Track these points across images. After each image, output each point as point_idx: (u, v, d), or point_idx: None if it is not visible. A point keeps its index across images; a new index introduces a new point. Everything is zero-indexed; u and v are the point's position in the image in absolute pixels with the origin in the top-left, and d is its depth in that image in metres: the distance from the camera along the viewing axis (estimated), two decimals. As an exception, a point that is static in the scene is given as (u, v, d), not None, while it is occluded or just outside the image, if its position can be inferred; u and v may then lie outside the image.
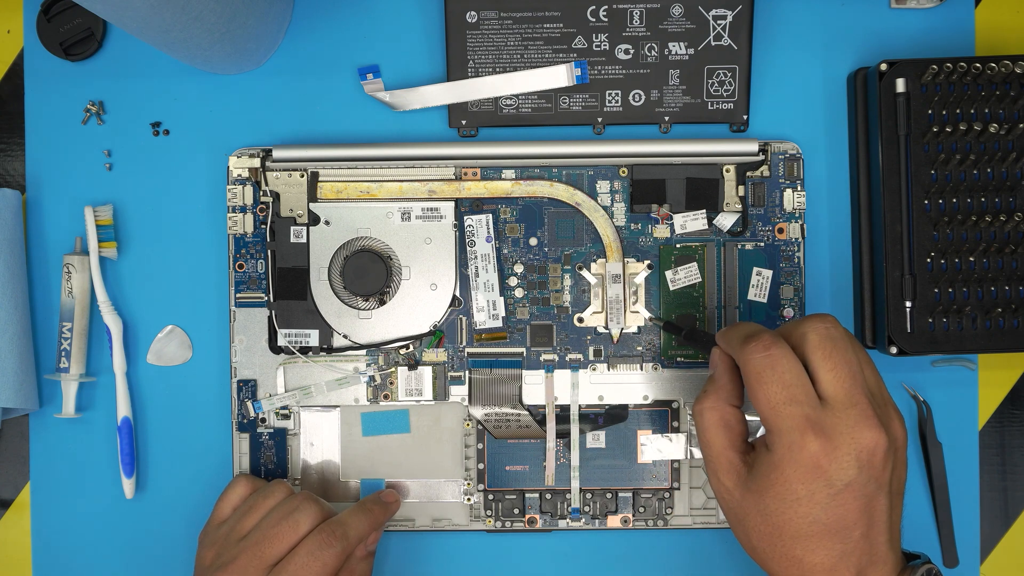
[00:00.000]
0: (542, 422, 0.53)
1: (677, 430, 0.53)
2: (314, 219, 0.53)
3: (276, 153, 0.53)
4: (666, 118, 0.54)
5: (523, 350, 0.54)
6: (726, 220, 0.53)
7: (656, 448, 0.53)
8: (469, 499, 0.54)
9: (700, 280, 0.53)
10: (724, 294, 0.53)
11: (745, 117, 0.54)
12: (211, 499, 0.54)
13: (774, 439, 0.42)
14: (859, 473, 0.41)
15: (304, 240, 0.53)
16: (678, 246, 0.53)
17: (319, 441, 0.54)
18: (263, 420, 0.54)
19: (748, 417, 0.46)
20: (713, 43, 0.53)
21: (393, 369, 0.54)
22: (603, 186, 0.54)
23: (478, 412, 0.53)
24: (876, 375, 0.44)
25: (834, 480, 0.41)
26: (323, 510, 0.49)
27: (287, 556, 0.47)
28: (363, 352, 0.53)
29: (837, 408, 0.41)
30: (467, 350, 0.54)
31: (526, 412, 0.53)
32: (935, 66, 0.50)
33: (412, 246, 0.53)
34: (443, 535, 0.54)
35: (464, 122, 0.54)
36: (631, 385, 0.53)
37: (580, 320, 0.54)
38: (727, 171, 0.53)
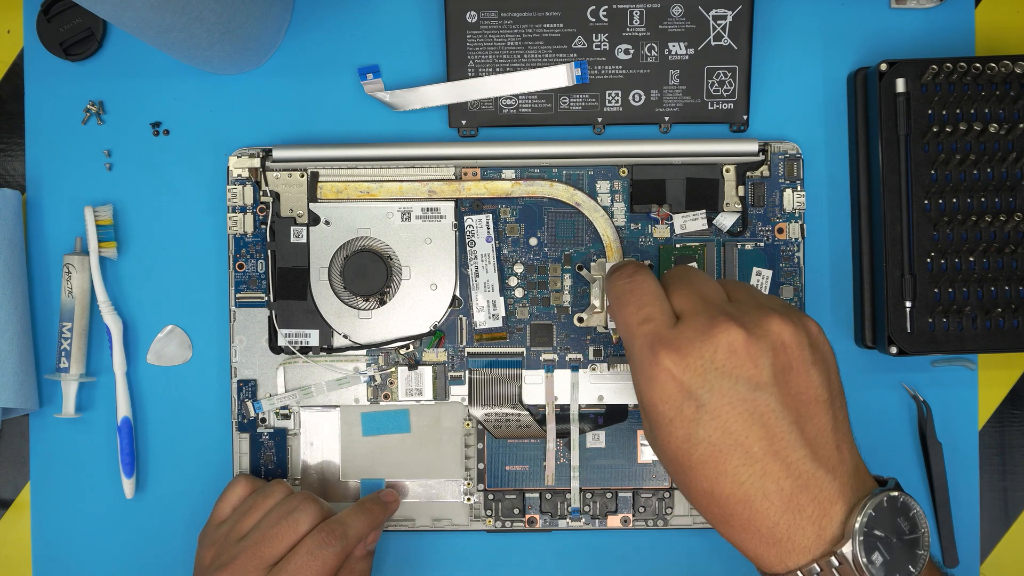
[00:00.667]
0: (542, 422, 0.53)
1: (677, 430, 0.53)
2: (314, 219, 0.53)
3: (276, 153, 0.53)
4: (666, 118, 0.54)
5: (523, 350, 0.54)
6: (726, 220, 0.53)
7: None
8: (469, 499, 0.54)
9: (700, 280, 0.53)
10: (724, 294, 0.53)
11: (745, 117, 0.54)
12: (211, 499, 0.54)
13: (633, 364, 0.40)
14: (721, 376, 0.38)
15: (304, 240, 0.53)
16: (678, 246, 0.53)
17: (319, 441, 0.54)
18: (263, 420, 0.54)
19: None
20: (713, 43, 0.53)
21: (393, 369, 0.54)
22: (603, 186, 0.54)
23: (478, 412, 0.53)
24: (749, 290, 0.42)
25: (695, 390, 0.38)
26: (322, 510, 0.49)
27: (287, 556, 0.47)
28: (363, 352, 0.53)
29: (685, 319, 0.40)
30: (467, 350, 0.54)
31: (526, 412, 0.53)
32: (935, 66, 0.50)
33: (412, 246, 0.53)
34: (443, 535, 0.54)
35: (464, 122, 0.54)
36: (631, 385, 0.53)
37: (580, 320, 0.54)
38: (727, 171, 0.53)
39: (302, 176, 0.53)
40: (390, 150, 0.53)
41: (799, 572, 0.37)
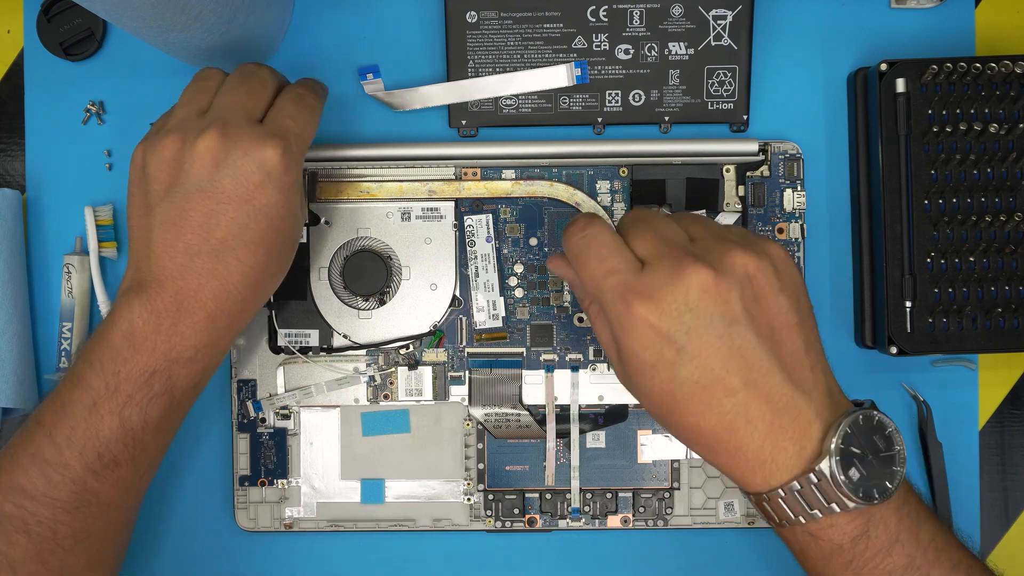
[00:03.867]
0: (542, 422, 0.53)
1: (677, 430, 0.53)
2: (314, 219, 0.53)
3: (276, 153, 0.53)
4: (666, 118, 0.54)
5: (523, 350, 0.54)
6: (726, 220, 0.53)
7: (656, 448, 0.53)
8: (469, 499, 0.54)
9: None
10: (724, 294, 0.53)
11: (745, 117, 0.54)
12: (211, 499, 0.54)
13: (608, 316, 0.41)
14: (695, 316, 0.39)
15: (304, 240, 0.53)
16: (678, 246, 0.53)
17: (319, 441, 0.54)
18: (263, 420, 0.54)
19: None
20: (713, 43, 0.53)
21: (393, 369, 0.54)
22: (603, 186, 0.54)
23: (478, 412, 0.53)
24: (707, 224, 0.43)
25: (673, 334, 0.39)
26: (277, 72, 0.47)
27: (272, 107, 0.45)
28: (363, 352, 0.53)
29: (651, 264, 0.40)
30: (467, 350, 0.54)
31: (526, 412, 0.53)
32: (935, 66, 0.50)
33: (412, 246, 0.53)
34: (443, 535, 0.54)
35: (464, 122, 0.54)
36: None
37: (580, 320, 0.54)
38: (727, 171, 0.53)
39: (302, 176, 0.53)
40: (390, 150, 0.53)
41: (781, 489, 0.40)
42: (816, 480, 0.39)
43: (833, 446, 0.39)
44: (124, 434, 0.43)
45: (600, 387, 0.53)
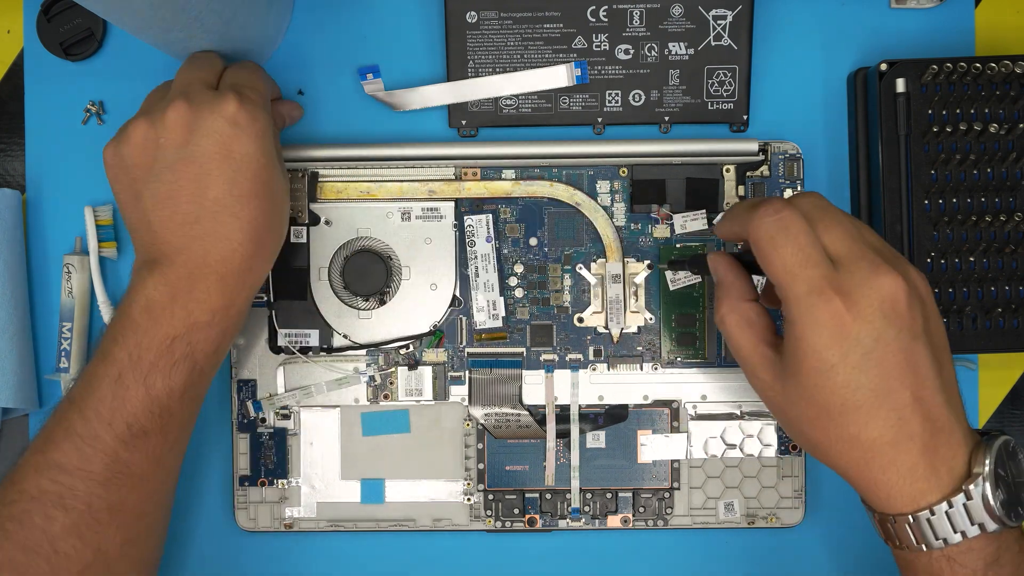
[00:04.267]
0: (542, 422, 0.53)
1: (677, 430, 0.53)
2: (314, 219, 0.53)
3: (276, 153, 0.53)
4: (666, 118, 0.54)
5: (523, 350, 0.54)
6: (726, 220, 0.53)
7: (656, 448, 0.53)
8: (469, 499, 0.54)
9: (700, 280, 0.53)
10: (724, 294, 0.53)
11: (745, 117, 0.54)
12: (211, 499, 0.54)
13: (793, 309, 0.40)
14: (887, 324, 0.39)
15: (304, 240, 0.53)
16: (678, 246, 0.53)
17: (319, 441, 0.54)
18: (263, 420, 0.54)
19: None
20: (713, 43, 0.53)
21: (393, 369, 0.54)
22: (603, 186, 0.54)
23: (478, 412, 0.53)
24: (878, 237, 0.42)
25: (863, 337, 0.39)
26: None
27: (224, 75, 0.47)
28: (363, 352, 0.53)
29: (848, 264, 0.40)
30: (467, 350, 0.54)
31: (526, 412, 0.53)
32: (935, 66, 0.50)
33: (412, 246, 0.53)
34: (443, 535, 0.54)
35: (464, 122, 0.54)
36: (631, 385, 0.53)
37: (580, 320, 0.54)
38: (727, 171, 0.53)
39: (302, 176, 0.53)
40: (390, 150, 0.53)
41: (930, 509, 0.40)
42: (965, 500, 0.39)
43: (988, 469, 0.39)
44: (150, 402, 0.44)
45: (600, 387, 0.53)
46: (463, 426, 0.54)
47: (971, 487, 0.39)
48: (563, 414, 0.53)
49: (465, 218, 0.53)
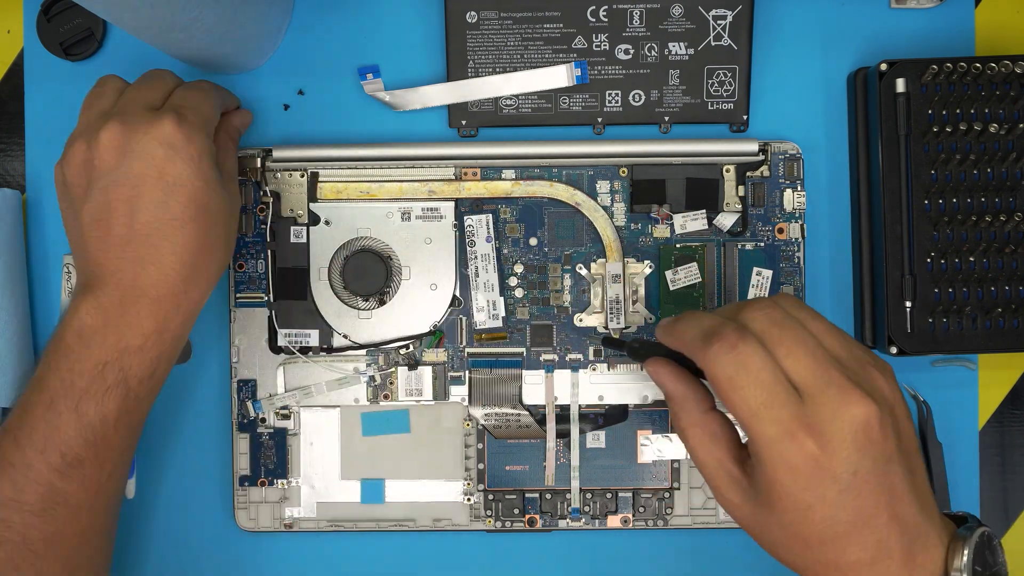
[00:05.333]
0: (542, 422, 0.53)
1: (677, 430, 0.53)
2: (314, 219, 0.53)
3: (276, 153, 0.53)
4: (666, 118, 0.54)
5: (523, 350, 0.54)
6: (726, 220, 0.53)
7: (656, 448, 0.53)
8: (469, 499, 0.54)
9: (700, 280, 0.53)
10: (724, 294, 0.53)
11: (745, 117, 0.54)
12: (211, 499, 0.54)
13: (763, 451, 0.38)
14: (862, 456, 0.37)
15: (304, 240, 0.53)
16: (678, 246, 0.53)
17: (319, 441, 0.54)
18: (263, 420, 0.54)
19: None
20: (713, 43, 0.53)
21: (393, 369, 0.54)
22: (603, 186, 0.54)
23: (478, 412, 0.53)
24: (842, 338, 0.40)
25: (839, 474, 0.37)
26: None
27: (171, 96, 0.47)
28: (363, 352, 0.53)
29: (815, 394, 0.37)
30: (467, 350, 0.54)
31: (526, 412, 0.53)
32: (935, 66, 0.50)
33: (412, 246, 0.53)
34: (443, 535, 0.54)
35: (464, 122, 0.54)
36: (631, 385, 0.53)
37: (580, 320, 0.54)
38: (727, 171, 0.53)
39: (302, 176, 0.53)
40: (390, 150, 0.53)
41: None
42: None
43: (964, 565, 0.38)
44: (83, 429, 0.43)
45: (600, 387, 0.53)
46: (463, 426, 0.54)
47: None
48: (563, 414, 0.53)
49: (465, 218, 0.53)
